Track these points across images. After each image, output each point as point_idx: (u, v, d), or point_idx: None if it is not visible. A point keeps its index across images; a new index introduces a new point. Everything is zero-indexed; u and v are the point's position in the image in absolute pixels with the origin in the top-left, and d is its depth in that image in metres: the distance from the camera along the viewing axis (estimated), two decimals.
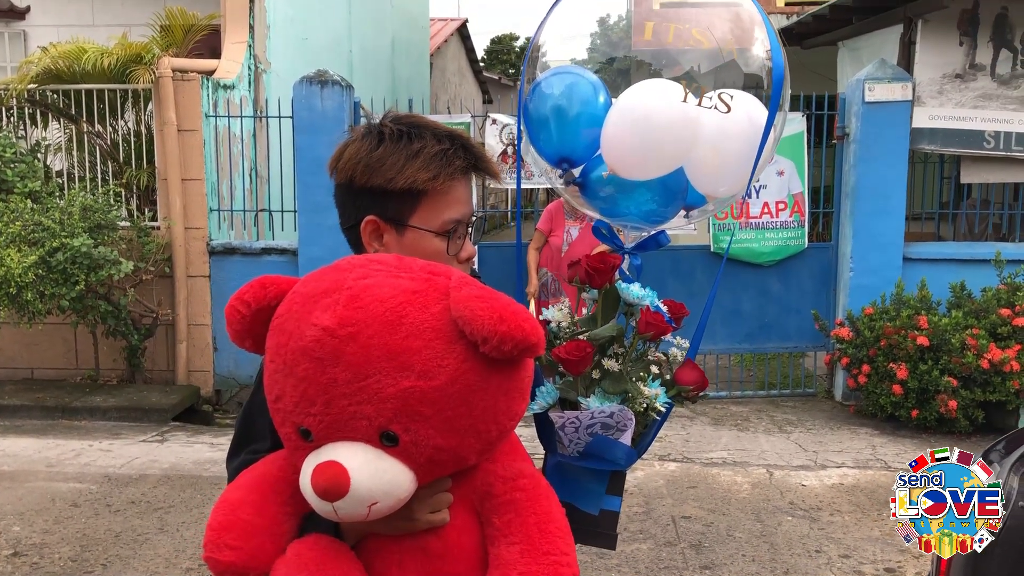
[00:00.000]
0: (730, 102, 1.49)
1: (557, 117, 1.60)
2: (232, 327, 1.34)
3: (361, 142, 1.50)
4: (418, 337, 1.21)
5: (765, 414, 6.91)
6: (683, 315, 1.60)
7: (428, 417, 1.22)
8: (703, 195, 1.62)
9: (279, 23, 8.89)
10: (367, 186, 1.48)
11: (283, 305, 1.31)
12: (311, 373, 1.23)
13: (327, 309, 1.24)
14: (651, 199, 1.58)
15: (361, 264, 1.31)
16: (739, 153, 1.52)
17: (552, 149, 1.63)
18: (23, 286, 6.25)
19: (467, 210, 1.54)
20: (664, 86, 1.52)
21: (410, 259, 1.34)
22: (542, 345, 1.22)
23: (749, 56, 1.56)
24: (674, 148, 1.51)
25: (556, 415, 1.52)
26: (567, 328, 1.59)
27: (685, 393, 1.57)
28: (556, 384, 1.56)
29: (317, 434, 1.24)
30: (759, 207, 7.06)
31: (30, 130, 7.75)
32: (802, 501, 5.09)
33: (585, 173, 1.63)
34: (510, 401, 1.29)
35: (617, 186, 1.59)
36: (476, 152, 1.53)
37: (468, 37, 20.64)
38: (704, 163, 1.54)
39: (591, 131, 1.58)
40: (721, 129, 1.51)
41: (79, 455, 5.84)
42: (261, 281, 1.35)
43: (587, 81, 1.61)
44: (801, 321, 7.23)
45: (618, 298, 1.57)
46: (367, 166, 1.47)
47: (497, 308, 1.21)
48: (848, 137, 7.04)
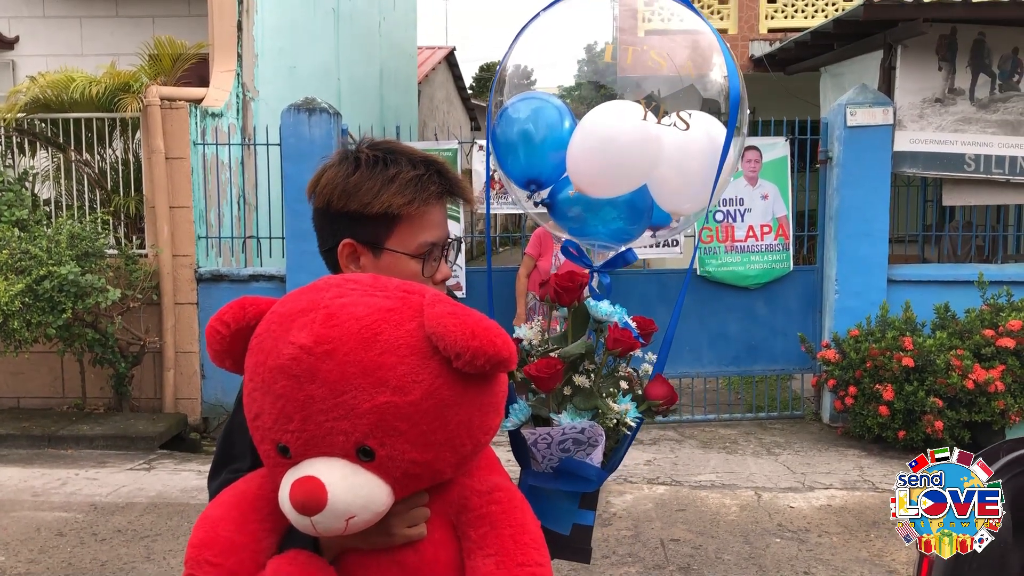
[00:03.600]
0: (689, 120, 1.53)
1: (524, 141, 1.64)
2: (212, 347, 1.37)
3: (338, 167, 1.54)
4: (393, 353, 1.24)
5: (753, 437, 6.92)
6: (652, 331, 1.63)
7: (403, 432, 1.24)
8: (668, 213, 1.66)
9: (267, 52, 8.97)
10: (344, 210, 1.51)
11: (261, 325, 1.34)
12: (288, 390, 1.25)
13: (304, 328, 1.27)
14: (617, 216, 1.61)
15: (337, 284, 1.34)
16: (700, 171, 1.55)
17: (520, 171, 1.67)
18: (9, 314, 6.25)
19: (442, 233, 1.57)
20: (623, 106, 1.56)
21: (385, 278, 1.37)
22: (514, 360, 1.25)
23: (707, 81, 1.60)
24: (636, 166, 1.55)
25: (528, 432, 1.55)
26: (539, 346, 1.62)
27: (655, 408, 1.60)
28: (529, 401, 1.59)
29: (295, 450, 1.26)
30: (744, 230, 7.12)
31: (18, 159, 7.78)
32: (790, 523, 5.09)
33: (553, 194, 1.67)
34: (484, 416, 1.32)
35: (584, 205, 1.62)
36: (451, 177, 1.56)
37: (456, 65, 20.79)
38: (666, 181, 1.58)
39: (557, 154, 1.61)
40: (681, 148, 1.54)
41: (65, 484, 5.81)
42: (240, 302, 1.37)
43: (552, 106, 1.65)
44: (787, 343, 7.26)
45: (587, 315, 1.59)
46: (344, 191, 1.51)
47: (469, 324, 1.23)
48: (831, 161, 7.12)
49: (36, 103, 7.37)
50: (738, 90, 1.51)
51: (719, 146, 1.53)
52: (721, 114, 1.56)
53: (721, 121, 1.57)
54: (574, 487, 1.55)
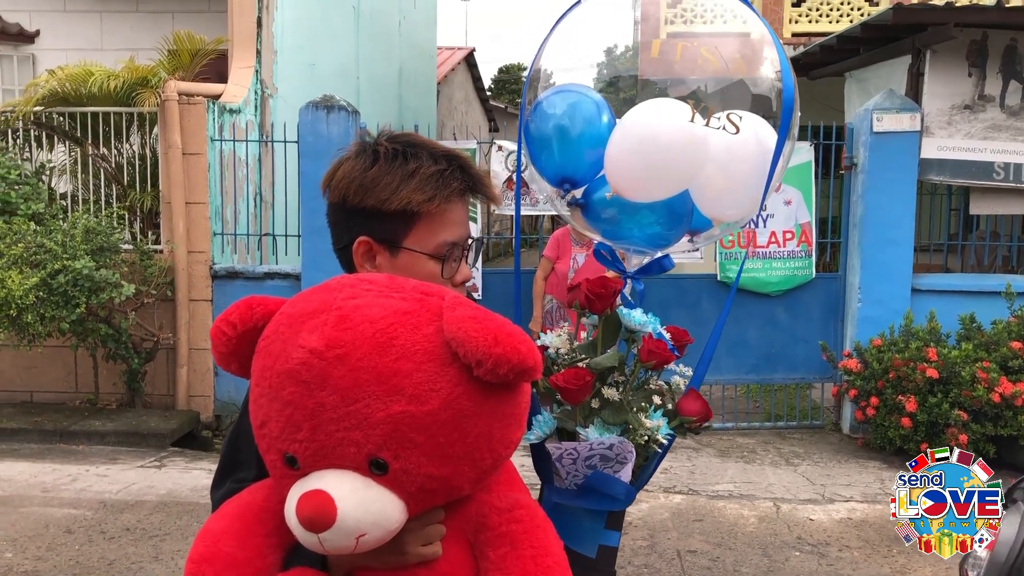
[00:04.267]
0: (739, 123, 1.44)
1: (559, 136, 1.55)
2: (218, 349, 1.29)
3: (355, 161, 1.46)
4: (409, 359, 1.16)
5: (772, 446, 6.81)
6: (686, 343, 1.54)
7: (419, 444, 1.16)
8: (709, 219, 1.57)
9: (287, 49, 8.92)
10: (360, 206, 1.43)
11: (270, 326, 1.26)
12: (297, 397, 1.17)
13: (314, 330, 1.19)
14: (655, 221, 1.52)
15: (351, 284, 1.26)
16: (747, 176, 1.46)
17: (554, 169, 1.58)
18: (23, 308, 6.20)
19: (463, 232, 1.49)
20: (671, 105, 1.47)
21: (402, 279, 1.29)
22: (539, 369, 1.16)
23: (758, 77, 1.51)
24: (680, 169, 1.46)
25: (553, 446, 1.46)
26: (565, 354, 1.53)
27: (688, 424, 1.51)
28: (553, 413, 1.50)
29: (303, 461, 1.18)
30: (766, 236, 7.01)
31: (36, 152, 7.75)
32: (810, 536, 4.98)
33: (587, 194, 1.58)
34: (506, 428, 1.23)
35: (620, 208, 1.53)
36: (474, 174, 1.48)
37: (475, 65, 20.74)
38: (711, 185, 1.49)
39: (594, 151, 1.52)
40: (729, 151, 1.45)
41: (75, 480, 5.76)
42: (248, 302, 1.29)
43: (590, 100, 1.56)
44: (808, 352, 7.14)
45: (619, 324, 1.50)
46: (361, 186, 1.43)
47: (492, 329, 1.15)
48: (856, 167, 7.00)
49: (54, 96, 7.33)
50: (792, 88, 1.41)
51: (768, 149, 1.44)
52: (772, 114, 1.47)
53: (771, 122, 1.47)
54: (601, 505, 1.46)
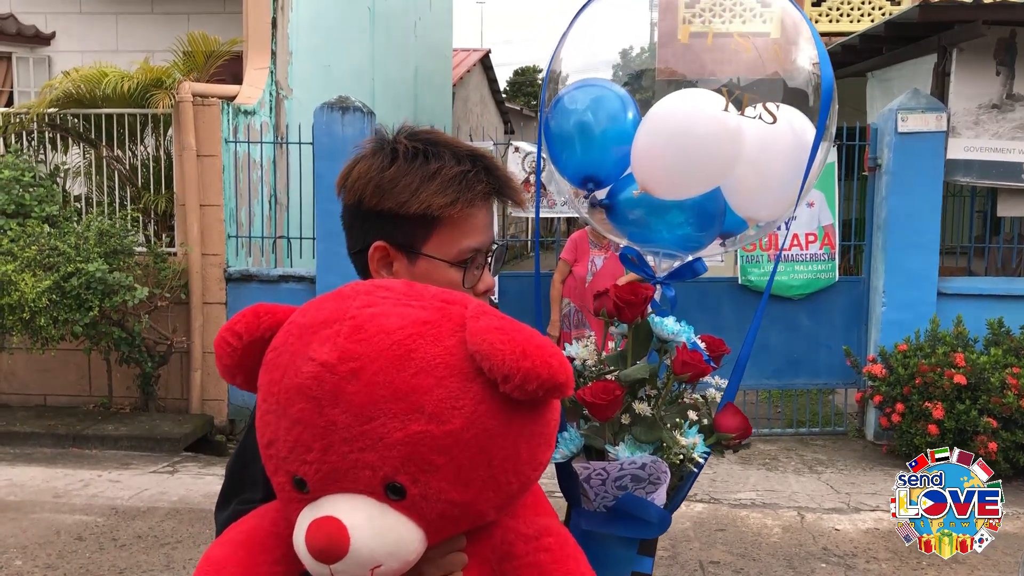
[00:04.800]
0: (776, 112, 1.33)
1: (582, 133, 1.44)
2: (222, 361, 1.19)
3: (372, 159, 1.36)
4: (429, 374, 1.06)
5: (794, 453, 6.67)
6: (723, 353, 1.43)
7: (440, 467, 1.06)
8: (742, 219, 1.46)
9: (302, 50, 8.85)
10: (377, 209, 1.34)
11: (278, 337, 1.16)
12: (307, 415, 1.07)
13: (326, 342, 1.09)
14: (686, 222, 1.42)
15: (366, 291, 1.16)
16: (783, 172, 1.35)
17: (576, 168, 1.47)
18: (36, 311, 6.16)
19: (486, 238, 1.39)
20: (703, 95, 1.36)
21: (421, 286, 1.18)
22: (571, 384, 1.06)
23: (794, 70, 1.40)
24: (713, 164, 1.35)
25: (581, 466, 1.35)
26: (593, 366, 1.42)
27: (726, 442, 1.40)
28: (581, 429, 1.39)
29: (313, 485, 1.08)
30: (789, 239, 6.87)
31: (50, 154, 7.71)
32: (836, 547, 4.85)
33: (612, 194, 1.47)
34: (534, 448, 1.12)
35: (648, 208, 1.42)
36: (500, 176, 1.38)
37: (491, 67, 20.66)
38: (744, 183, 1.38)
39: (619, 148, 1.42)
40: (764, 145, 1.34)
41: (87, 486, 5.69)
42: (255, 310, 1.19)
43: (614, 94, 1.45)
44: (831, 357, 7.00)
45: (650, 333, 1.40)
46: (378, 187, 1.33)
47: (520, 341, 1.04)
48: (880, 168, 6.85)
49: (68, 98, 7.28)
50: (831, 79, 1.30)
51: (805, 143, 1.33)
52: (809, 109, 1.36)
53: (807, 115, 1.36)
54: (633, 532, 1.35)
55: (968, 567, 4.56)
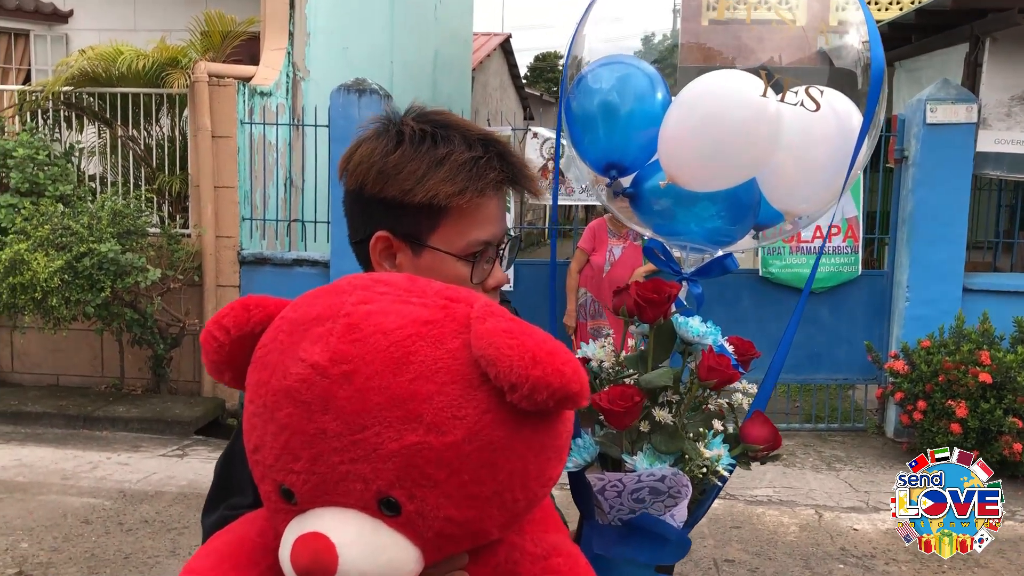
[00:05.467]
0: (819, 99, 1.22)
1: (606, 115, 1.33)
2: (208, 356, 1.09)
3: (376, 142, 1.25)
4: (430, 380, 0.96)
5: (812, 449, 6.55)
6: (752, 356, 1.33)
7: (439, 482, 0.96)
8: (779, 212, 1.35)
9: (320, 31, 8.74)
10: (380, 196, 1.24)
11: (268, 333, 1.06)
12: (295, 420, 0.98)
13: (318, 341, 0.99)
14: (717, 214, 1.31)
15: (364, 285, 1.06)
16: (825, 161, 1.24)
17: (599, 153, 1.36)
18: (48, 291, 6.11)
19: (498, 230, 1.28)
20: (740, 77, 1.24)
21: (425, 281, 1.08)
22: (585, 394, 0.95)
23: (841, 47, 1.29)
24: (749, 153, 1.24)
25: (595, 476, 1.25)
26: (610, 369, 1.32)
27: (752, 453, 1.29)
28: (596, 436, 1.29)
29: (301, 496, 0.99)
30: (811, 231, 6.72)
31: (66, 133, 7.65)
32: (854, 547, 4.74)
33: (638, 182, 1.36)
34: (543, 463, 1.02)
35: (676, 198, 1.31)
36: (514, 163, 1.27)
37: (511, 52, 20.49)
38: (782, 173, 1.27)
39: (646, 132, 1.31)
40: (805, 132, 1.23)
41: (96, 468, 5.65)
42: (244, 303, 1.09)
43: (642, 73, 1.34)
44: (852, 352, 6.87)
45: (673, 335, 1.29)
46: (381, 172, 1.23)
47: (529, 347, 0.94)
48: (906, 160, 6.69)
49: (84, 76, 7.22)
50: (882, 59, 1.19)
51: (851, 131, 1.22)
52: (856, 91, 1.25)
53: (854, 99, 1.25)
54: (651, 557, 1.25)
55: (991, 571, 4.44)
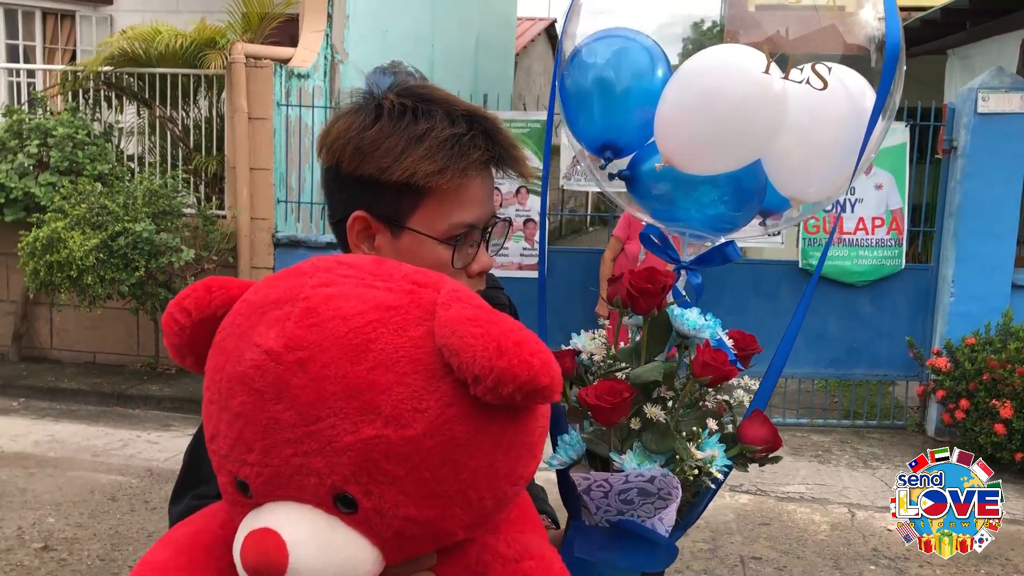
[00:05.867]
0: (827, 76, 1.12)
1: (601, 92, 1.25)
2: (169, 340, 1.04)
3: (353, 116, 1.18)
4: (389, 369, 0.89)
5: (848, 446, 6.39)
6: (753, 352, 1.24)
7: (398, 478, 0.89)
8: (785, 197, 1.26)
9: (359, 14, 8.70)
10: (356, 174, 1.17)
11: (228, 316, 1.01)
12: (248, 409, 0.92)
13: (274, 325, 0.93)
14: (718, 199, 1.22)
15: (326, 268, 1.00)
16: (834, 145, 1.15)
17: (593, 133, 1.28)
18: (84, 269, 6.17)
19: (483, 212, 1.21)
20: (740, 53, 1.15)
21: (393, 264, 1.02)
22: (556, 388, 0.88)
23: (854, 21, 1.19)
24: (751, 134, 1.15)
25: (580, 476, 1.18)
26: (602, 362, 1.24)
27: (750, 454, 1.21)
28: (583, 433, 1.22)
29: (256, 489, 0.93)
30: (854, 222, 6.55)
31: (106, 113, 7.72)
32: (887, 548, 4.60)
33: (635, 164, 1.28)
34: (513, 461, 0.95)
35: (675, 182, 1.23)
36: (501, 140, 1.19)
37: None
38: (788, 156, 1.18)
39: (644, 111, 1.22)
40: (813, 113, 1.14)
41: (126, 445, 5.69)
42: (206, 284, 1.04)
43: (640, 47, 1.25)
44: (893, 347, 6.68)
45: (669, 327, 1.21)
46: (357, 148, 1.16)
47: (495, 335, 0.87)
48: (955, 151, 6.48)
49: (123, 56, 7.27)
50: (898, 34, 1.09)
51: (863, 112, 1.12)
52: (870, 70, 1.15)
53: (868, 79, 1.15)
54: (636, 563, 1.18)
55: None
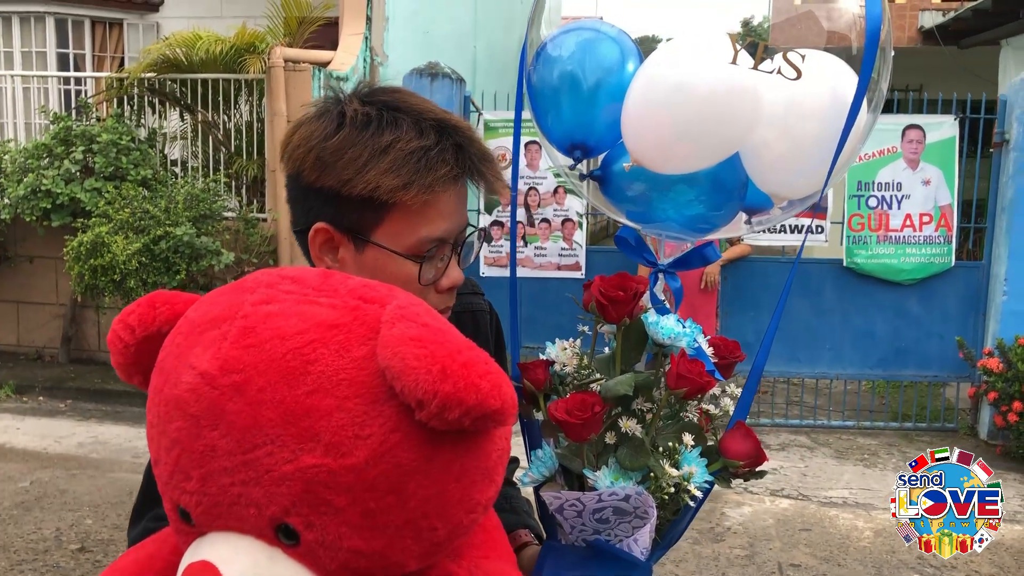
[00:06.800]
0: (800, 65, 1.05)
1: (569, 88, 1.19)
2: (114, 358, 1.00)
3: (315, 123, 1.13)
4: (329, 393, 0.84)
5: (896, 449, 6.21)
6: (736, 360, 1.17)
7: (340, 509, 0.84)
8: (767, 195, 1.18)
9: (399, 15, 8.70)
10: (317, 185, 1.11)
11: (170, 335, 0.97)
12: (184, 435, 0.87)
13: (210, 346, 0.89)
14: (695, 198, 1.15)
15: (268, 283, 0.95)
16: (817, 138, 1.07)
17: (562, 132, 1.21)
18: (127, 273, 6.26)
19: (453, 225, 1.14)
20: (703, 42, 1.08)
21: (342, 277, 0.96)
22: (508, 411, 0.82)
23: (832, 7, 1.11)
24: (722, 130, 1.08)
25: (551, 495, 1.11)
26: (576, 373, 1.18)
27: (733, 469, 1.14)
28: (557, 448, 1.16)
29: (196, 518, 0.89)
30: (900, 219, 6.36)
31: (150, 119, 7.84)
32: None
33: (607, 164, 1.22)
34: (467, 488, 0.89)
35: (650, 182, 1.16)
36: (473, 152, 1.12)
37: None
38: (767, 151, 1.10)
39: (615, 108, 1.16)
40: (790, 104, 1.07)
41: None
42: (151, 299, 1.00)
43: (609, 39, 1.18)
44: (943, 348, 6.48)
45: (644, 335, 1.15)
46: (318, 159, 1.10)
47: (440, 357, 0.81)
48: (1007, 144, 6.25)
49: (166, 62, 7.38)
50: (879, 15, 1.01)
51: (845, 103, 1.05)
52: (852, 57, 1.08)
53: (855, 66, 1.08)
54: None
55: None
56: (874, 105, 1.08)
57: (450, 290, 1.17)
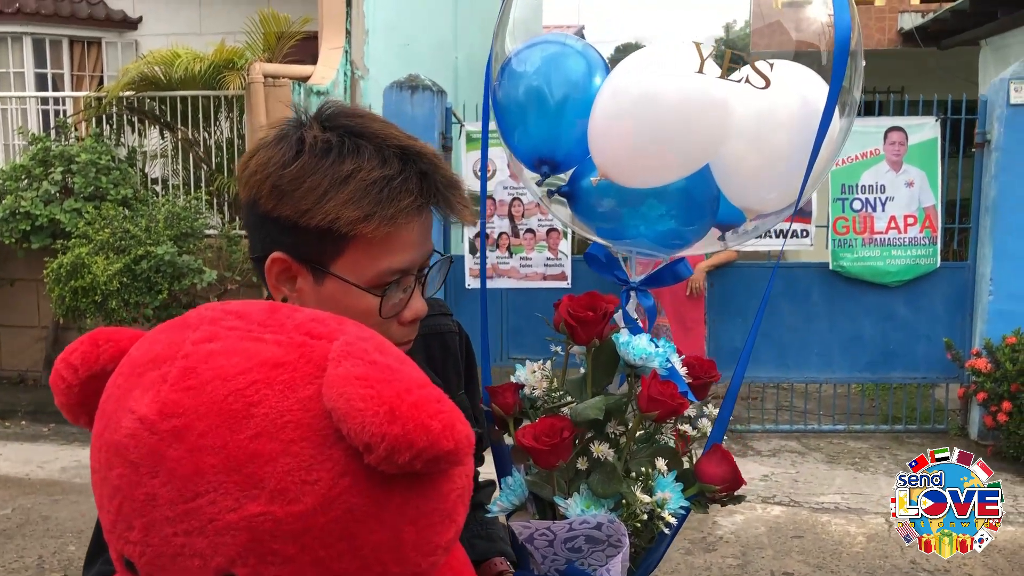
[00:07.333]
0: (769, 74, 1.02)
1: (534, 103, 1.15)
2: (58, 399, 0.94)
3: (273, 149, 1.07)
4: (274, 438, 0.79)
5: (887, 452, 6.19)
6: (711, 380, 1.14)
7: (289, 558, 0.79)
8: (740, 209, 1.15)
9: (379, 28, 8.67)
10: (274, 214, 1.06)
11: (113, 375, 0.92)
12: (125, 483, 0.82)
13: (149, 389, 0.83)
14: (667, 213, 1.12)
15: (212, 318, 0.89)
16: (789, 148, 1.04)
17: (528, 147, 1.17)
18: (108, 294, 6.19)
19: (417, 255, 1.09)
20: (669, 51, 1.05)
21: (287, 310, 0.90)
22: (463, 451, 0.77)
23: (801, 18, 1.08)
24: (689, 139, 1.04)
25: (520, 524, 1.07)
26: (546, 397, 1.14)
27: (710, 494, 1.10)
28: (527, 475, 1.12)
29: (141, 569, 0.84)
30: (885, 221, 6.35)
31: (130, 137, 7.78)
32: (926, 560, 4.42)
33: (575, 179, 1.18)
34: (424, 531, 0.84)
35: (619, 197, 1.13)
36: (438, 180, 1.07)
37: None
38: (738, 163, 1.07)
39: (582, 122, 1.12)
40: (760, 115, 1.04)
41: None
42: (93, 337, 0.94)
43: (575, 52, 1.15)
44: (931, 349, 6.46)
45: (615, 356, 1.11)
46: (275, 187, 1.05)
47: (387, 397, 0.76)
48: (989, 144, 6.26)
49: (144, 81, 7.33)
50: (847, 28, 0.98)
51: (817, 112, 1.02)
52: (822, 67, 1.05)
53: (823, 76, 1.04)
54: None
55: None
56: (848, 111, 1.05)
57: (413, 322, 1.12)
